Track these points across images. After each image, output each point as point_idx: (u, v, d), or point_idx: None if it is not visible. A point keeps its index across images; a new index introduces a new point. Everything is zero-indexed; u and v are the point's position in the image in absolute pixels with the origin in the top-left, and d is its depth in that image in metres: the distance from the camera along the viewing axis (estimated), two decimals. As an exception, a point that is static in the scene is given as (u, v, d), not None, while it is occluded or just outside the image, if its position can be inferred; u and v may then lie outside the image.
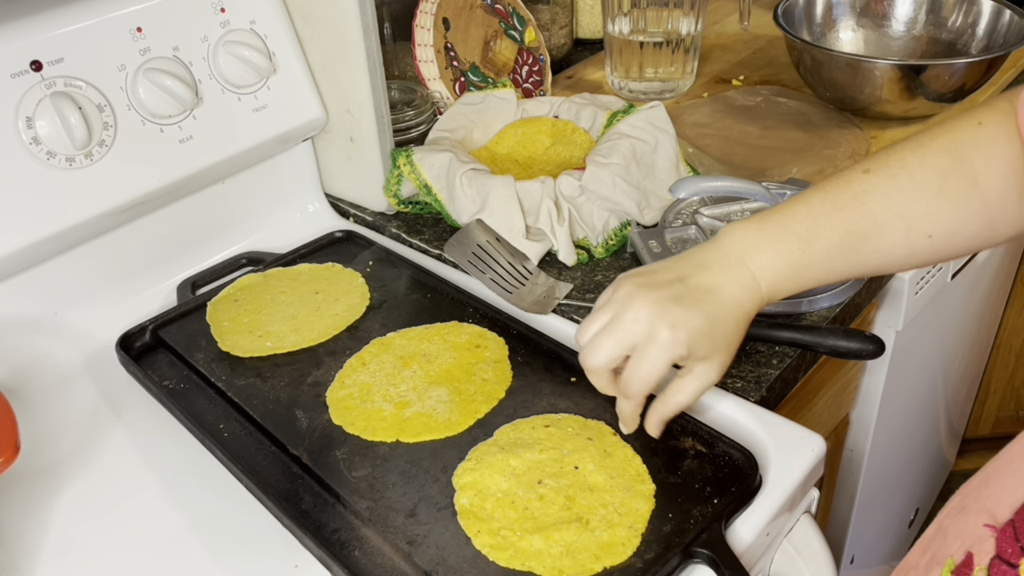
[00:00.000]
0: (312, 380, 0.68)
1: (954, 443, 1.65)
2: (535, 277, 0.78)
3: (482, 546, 0.53)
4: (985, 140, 0.54)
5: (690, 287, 0.54)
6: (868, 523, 1.19)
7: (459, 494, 0.57)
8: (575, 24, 1.24)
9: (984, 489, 0.46)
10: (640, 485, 0.56)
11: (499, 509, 0.55)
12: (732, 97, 1.08)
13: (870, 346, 0.66)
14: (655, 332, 0.52)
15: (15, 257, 0.69)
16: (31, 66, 0.68)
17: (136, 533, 0.59)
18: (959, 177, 0.53)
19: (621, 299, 0.54)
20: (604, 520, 0.54)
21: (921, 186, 0.54)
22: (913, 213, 0.54)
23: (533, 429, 0.61)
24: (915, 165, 0.54)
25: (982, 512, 0.44)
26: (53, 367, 0.73)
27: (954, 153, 0.54)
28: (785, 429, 0.62)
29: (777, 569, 0.62)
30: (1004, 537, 0.42)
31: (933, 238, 0.54)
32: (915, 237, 0.54)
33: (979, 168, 0.53)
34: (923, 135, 0.56)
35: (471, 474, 0.58)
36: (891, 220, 0.54)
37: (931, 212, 0.54)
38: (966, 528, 0.45)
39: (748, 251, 0.55)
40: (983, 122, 0.54)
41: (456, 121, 0.92)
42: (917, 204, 0.54)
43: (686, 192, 0.79)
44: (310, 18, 0.82)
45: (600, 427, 0.61)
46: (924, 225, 0.54)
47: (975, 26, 1.05)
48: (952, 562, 0.45)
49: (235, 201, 0.86)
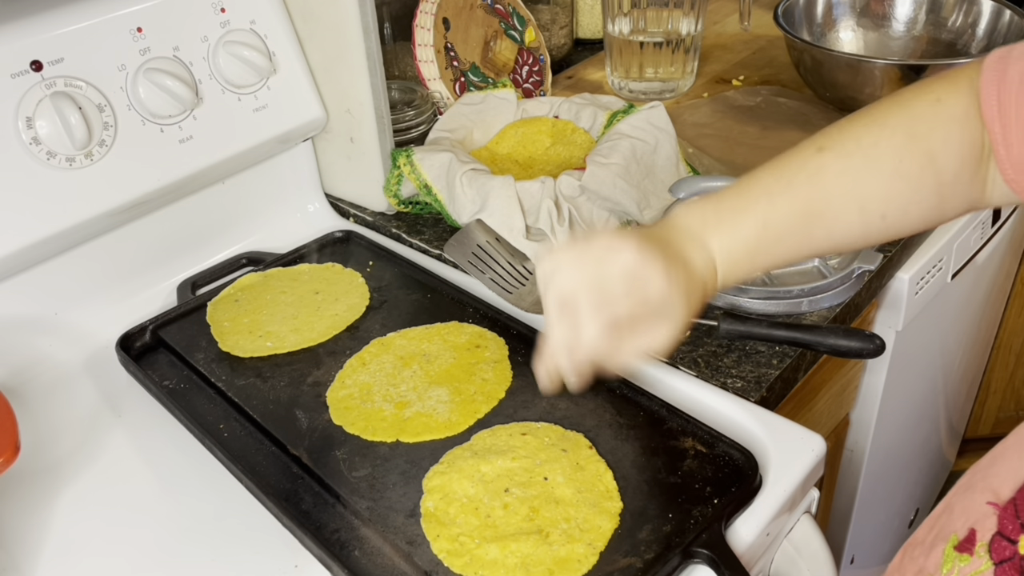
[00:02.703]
0: (312, 380, 0.68)
1: (954, 443, 1.65)
2: (535, 277, 0.78)
3: (439, 551, 0.53)
4: (944, 119, 0.52)
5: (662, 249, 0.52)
6: (868, 523, 1.19)
7: (426, 496, 0.57)
8: (575, 24, 1.24)
9: (992, 468, 0.46)
10: (607, 502, 0.55)
11: (462, 515, 0.55)
12: (732, 97, 1.08)
13: (870, 345, 0.66)
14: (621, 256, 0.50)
15: (15, 257, 0.69)
16: (31, 66, 0.68)
17: (136, 533, 0.59)
18: (915, 156, 0.52)
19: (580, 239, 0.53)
20: (564, 534, 0.53)
21: (877, 166, 0.52)
22: (868, 194, 0.52)
23: (510, 436, 0.61)
24: (870, 144, 0.53)
25: (987, 490, 0.44)
26: (53, 367, 0.73)
27: (910, 132, 0.52)
28: (785, 429, 0.61)
29: (777, 569, 0.62)
30: (1005, 514, 0.42)
31: (886, 219, 0.53)
32: (869, 218, 0.53)
33: (936, 147, 0.52)
34: (877, 110, 0.54)
35: (440, 477, 0.58)
36: (847, 202, 0.52)
37: (887, 193, 0.52)
38: (971, 505, 0.45)
39: (706, 230, 0.52)
40: (941, 99, 0.53)
41: (456, 121, 0.92)
42: (873, 185, 0.52)
43: (686, 192, 0.79)
44: (310, 18, 0.82)
45: (577, 439, 0.60)
46: (878, 206, 0.53)
47: (975, 26, 1.05)
48: (956, 538, 0.45)
49: (235, 201, 0.86)
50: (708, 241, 0.52)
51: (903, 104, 0.54)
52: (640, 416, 0.62)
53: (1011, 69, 0.51)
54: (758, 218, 0.52)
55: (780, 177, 0.53)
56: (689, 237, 0.52)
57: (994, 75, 0.51)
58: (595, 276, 0.50)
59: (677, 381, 0.66)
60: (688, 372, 0.68)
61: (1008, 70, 0.51)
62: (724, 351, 0.70)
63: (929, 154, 0.52)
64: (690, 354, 0.69)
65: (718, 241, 0.52)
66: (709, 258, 0.52)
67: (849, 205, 0.53)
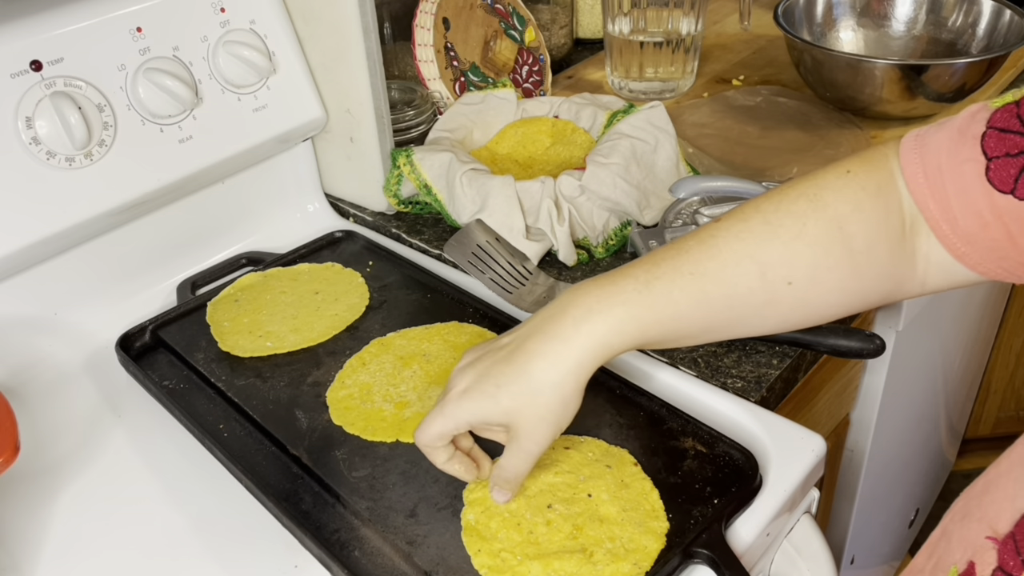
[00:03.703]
0: (312, 380, 0.68)
1: (954, 443, 1.65)
2: (535, 277, 0.78)
3: (480, 566, 0.52)
4: (853, 187, 0.50)
5: (524, 350, 0.50)
6: (868, 523, 1.19)
7: (467, 509, 0.56)
8: (575, 24, 1.24)
9: (986, 496, 0.46)
10: (653, 522, 0.54)
11: (503, 530, 0.54)
12: (732, 97, 1.08)
13: (870, 345, 0.66)
14: (445, 396, 0.52)
15: (15, 257, 0.69)
16: (31, 66, 0.68)
17: (136, 533, 0.59)
18: (819, 221, 0.50)
19: (455, 373, 0.53)
20: (609, 553, 0.52)
21: (776, 229, 0.50)
22: (768, 258, 0.50)
23: (552, 450, 0.58)
24: (770, 210, 0.51)
25: (984, 521, 0.44)
26: (53, 367, 0.73)
27: (814, 198, 0.50)
28: (785, 429, 0.61)
29: (777, 569, 0.62)
30: (1005, 549, 0.42)
31: (793, 285, 0.50)
32: (772, 283, 0.50)
33: (843, 213, 0.50)
34: (785, 185, 0.52)
35: (482, 490, 0.56)
36: (743, 263, 0.50)
37: (788, 257, 0.50)
38: (968, 536, 0.45)
39: (585, 304, 0.50)
40: (852, 171, 0.51)
41: (456, 121, 0.92)
42: (771, 248, 0.50)
43: (686, 192, 0.79)
44: (310, 18, 0.82)
45: (622, 455, 0.59)
46: (781, 271, 0.50)
47: (975, 26, 1.05)
48: (956, 570, 0.45)
49: (235, 201, 0.86)
50: (587, 318, 0.50)
51: (811, 177, 0.52)
52: (640, 416, 0.62)
53: (929, 144, 0.50)
54: (638, 279, 0.50)
55: (671, 247, 0.51)
56: (562, 325, 0.50)
57: (914, 154, 0.50)
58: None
59: (677, 381, 0.66)
60: (688, 372, 0.68)
61: (926, 146, 0.50)
62: (724, 351, 0.70)
63: (835, 220, 0.50)
64: (690, 354, 0.69)
65: (596, 316, 0.49)
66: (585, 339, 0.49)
67: (747, 268, 0.50)
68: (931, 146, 0.50)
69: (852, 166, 0.52)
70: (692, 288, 0.50)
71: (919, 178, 0.50)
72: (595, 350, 0.50)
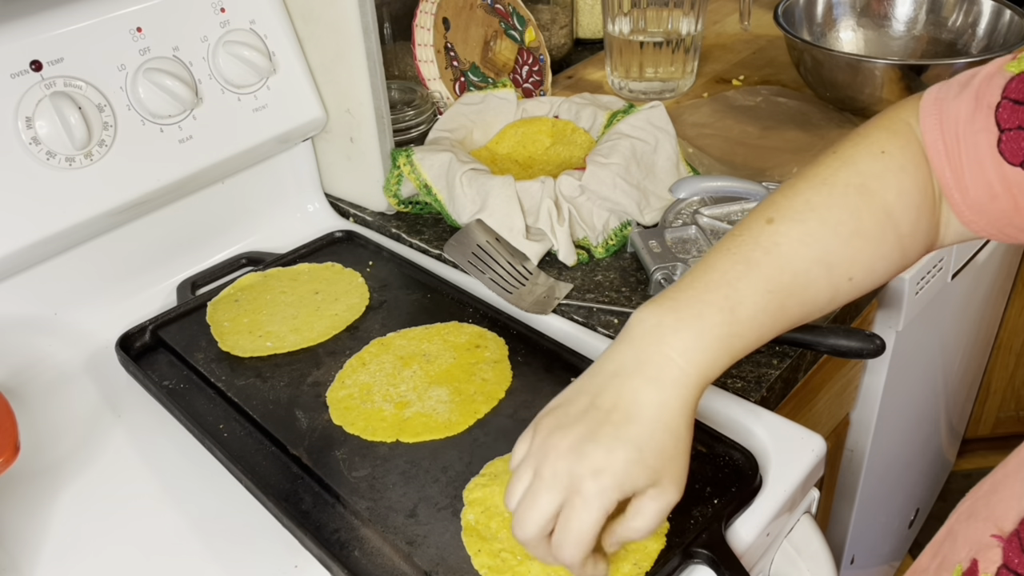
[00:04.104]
0: (312, 380, 0.68)
1: (954, 443, 1.65)
2: (535, 277, 0.78)
3: (480, 566, 0.52)
4: (893, 170, 0.50)
5: (606, 411, 0.46)
6: (868, 523, 1.19)
7: (467, 509, 0.56)
8: (575, 24, 1.24)
9: (994, 495, 0.46)
10: None
11: (504, 530, 0.53)
12: (732, 97, 1.08)
13: (870, 345, 0.66)
14: (578, 486, 0.44)
15: (15, 257, 0.69)
16: (31, 66, 0.68)
17: (136, 533, 0.59)
18: (873, 214, 0.50)
19: (536, 450, 0.46)
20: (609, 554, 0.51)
21: (835, 228, 0.50)
22: (833, 259, 0.50)
23: None
24: (823, 206, 0.50)
25: (990, 520, 0.44)
26: (53, 367, 0.73)
27: (862, 188, 0.50)
28: (785, 429, 0.61)
29: (777, 569, 0.62)
30: (1010, 547, 0.42)
31: (854, 280, 0.51)
32: (837, 281, 0.51)
33: (890, 201, 0.50)
34: (821, 169, 0.52)
35: (482, 490, 0.56)
36: (812, 270, 0.50)
37: (850, 254, 0.50)
38: (974, 535, 0.45)
39: (665, 338, 0.47)
40: (886, 151, 0.51)
41: (456, 121, 0.92)
42: (835, 248, 0.50)
43: (686, 192, 0.79)
44: (310, 18, 0.82)
45: None
46: (845, 269, 0.50)
47: (975, 26, 1.05)
48: (960, 568, 0.45)
49: (235, 201, 0.86)
50: (671, 350, 0.47)
51: (847, 160, 0.52)
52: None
53: (948, 111, 0.50)
54: (723, 308, 0.48)
55: (736, 259, 0.49)
56: (644, 363, 0.47)
57: (934, 120, 0.50)
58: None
59: (677, 381, 0.66)
60: (688, 372, 0.68)
61: (946, 113, 0.50)
62: (724, 351, 0.70)
63: (884, 209, 0.50)
64: (690, 354, 0.69)
65: (681, 345, 0.47)
66: (675, 371, 0.46)
67: (817, 273, 0.50)
68: (950, 113, 0.50)
69: (884, 144, 0.51)
70: (773, 307, 0.49)
71: (939, 146, 0.50)
72: (700, 386, 0.47)
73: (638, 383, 0.46)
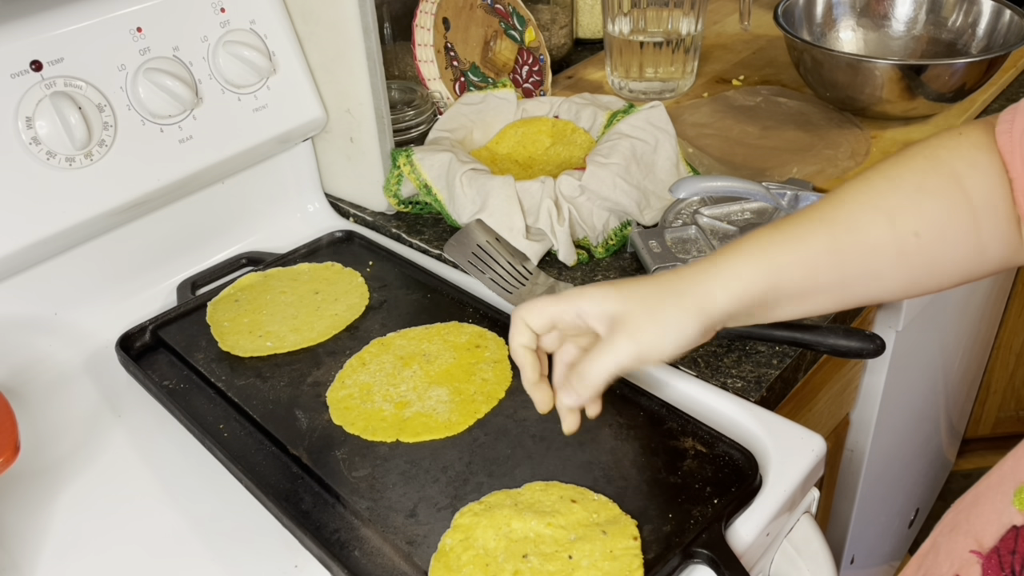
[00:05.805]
0: (312, 380, 0.68)
1: (954, 443, 1.65)
2: (535, 277, 0.78)
3: None
4: (967, 146, 0.51)
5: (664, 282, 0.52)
6: (868, 523, 1.19)
7: (451, 532, 0.54)
8: (575, 24, 1.24)
9: (975, 508, 0.46)
10: None
11: (471, 566, 0.51)
12: (732, 97, 1.08)
13: (870, 345, 0.66)
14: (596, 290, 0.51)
15: (15, 257, 0.69)
16: (31, 66, 0.68)
17: (136, 533, 0.59)
18: (939, 176, 0.51)
19: None
20: None
21: (897, 182, 0.51)
22: (893, 206, 0.50)
23: (560, 498, 0.56)
24: (888, 168, 0.52)
25: (970, 535, 0.44)
26: (53, 367, 0.73)
27: (931, 156, 0.51)
28: (785, 429, 0.61)
29: (777, 569, 0.62)
30: (989, 564, 0.42)
31: (920, 236, 0.50)
32: (901, 233, 0.50)
33: (960, 169, 0.50)
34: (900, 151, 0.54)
35: (473, 517, 0.55)
36: (869, 212, 0.51)
37: (913, 206, 0.50)
38: (955, 550, 0.45)
39: (717, 254, 0.52)
40: (964, 132, 0.52)
41: (456, 121, 0.92)
42: (896, 197, 0.51)
43: (686, 192, 0.79)
44: (310, 18, 0.82)
45: (627, 526, 0.54)
46: (909, 220, 0.50)
47: (975, 26, 1.05)
48: None
49: (235, 201, 0.86)
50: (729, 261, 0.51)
51: (926, 140, 0.53)
52: (640, 416, 0.62)
53: (1018, 121, 0.50)
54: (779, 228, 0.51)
55: (789, 217, 0.52)
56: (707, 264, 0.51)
57: (1006, 126, 0.51)
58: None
59: (677, 381, 0.66)
60: (688, 372, 0.68)
61: (1016, 122, 0.50)
62: (724, 351, 0.70)
63: (953, 175, 0.50)
64: (690, 354, 0.69)
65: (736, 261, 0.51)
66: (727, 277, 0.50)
67: (875, 217, 0.50)
68: (1017, 124, 0.50)
69: (964, 129, 0.52)
70: (823, 234, 0.50)
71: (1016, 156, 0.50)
72: (731, 289, 0.50)
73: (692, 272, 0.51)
